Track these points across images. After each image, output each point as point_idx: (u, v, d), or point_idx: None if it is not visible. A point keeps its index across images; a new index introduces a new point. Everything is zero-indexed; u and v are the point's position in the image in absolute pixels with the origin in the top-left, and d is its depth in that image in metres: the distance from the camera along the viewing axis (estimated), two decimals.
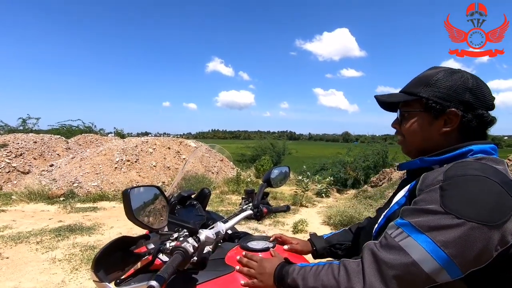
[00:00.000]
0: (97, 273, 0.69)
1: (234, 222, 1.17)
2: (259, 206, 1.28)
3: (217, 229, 1.04)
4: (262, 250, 0.95)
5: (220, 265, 0.92)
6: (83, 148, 10.39)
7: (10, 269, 3.03)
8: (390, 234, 0.64)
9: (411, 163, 0.81)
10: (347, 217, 4.69)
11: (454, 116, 0.74)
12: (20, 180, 7.45)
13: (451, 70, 0.78)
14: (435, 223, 0.59)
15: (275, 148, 13.97)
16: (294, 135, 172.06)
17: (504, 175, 0.63)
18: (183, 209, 1.15)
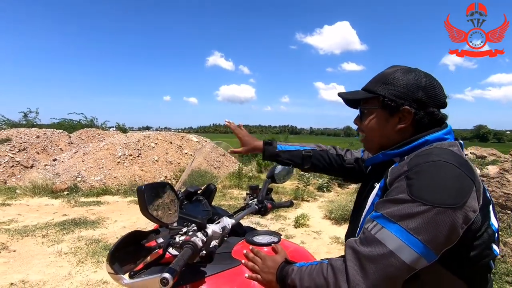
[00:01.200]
0: (112, 266, 0.73)
1: (240, 217, 1.20)
2: (264, 201, 1.31)
3: (224, 224, 1.08)
4: (267, 244, 0.98)
5: (227, 259, 0.95)
6: (86, 143, 10.44)
7: (18, 261, 3.09)
8: (367, 228, 0.67)
9: (375, 157, 0.86)
10: (348, 211, 4.72)
11: (407, 113, 0.78)
12: (24, 175, 7.52)
13: (407, 69, 0.82)
14: (405, 211, 0.62)
15: None
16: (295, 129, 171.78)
17: (460, 156, 0.69)
18: (190, 204, 1.18)
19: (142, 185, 0.73)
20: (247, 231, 1.24)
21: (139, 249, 0.84)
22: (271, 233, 1.08)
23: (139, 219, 4.70)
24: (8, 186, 6.83)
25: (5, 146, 7.94)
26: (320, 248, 3.66)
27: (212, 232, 0.98)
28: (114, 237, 3.83)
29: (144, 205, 0.72)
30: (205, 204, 1.25)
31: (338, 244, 3.79)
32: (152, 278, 0.74)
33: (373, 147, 0.88)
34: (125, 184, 7.02)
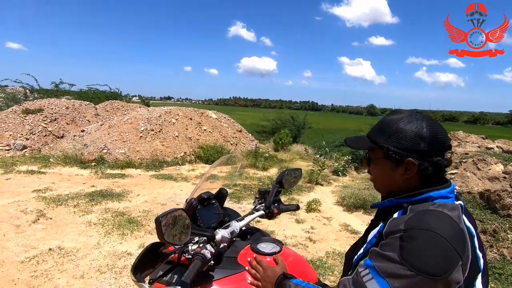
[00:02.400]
0: (135, 276, 0.87)
1: (247, 221, 1.33)
2: (271, 207, 1.42)
3: (232, 228, 1.21)
4: (269, 254, 1.10)
5: (233, 264, 1.09)
6: (111, 115, 10.90)
7: (54, 229, 3.47)
8: (360, 272, 0.77)
9: (381, 204, 0.92)
10: (360, 200, 4.80)
11: (411, 165, 0.82)
12: (55, 144, 8.07)
13: (408, 119, 0.84)
14: (393, 271, 0.71)
15: (295, 122, 13.85)
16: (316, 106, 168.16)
17: (456, 226, 0.74)
18: (203, 208, 1.31)
19: (159, 216, 0.85)
20: (254, 232, 1.37)
21: (158, 256, 0.98)
22: (274, 241, 1.20)
23: (159, 194, 5.02)
24: (43, 155, 7.39)
25: (38, 116, 8.47)
26: (328, 234, 3.80)
27: (221, 237, 1.12)
28: (137, 211, 4.15)
29: (161, 234, 0.84)
30: (217, 207, 1.38)
31: (347, 232, 3.92)
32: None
33: (382, 190, 0.94)
34: (147, 158, 7.39)
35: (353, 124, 30.04)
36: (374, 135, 0.89)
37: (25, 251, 2.93)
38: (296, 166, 8.25)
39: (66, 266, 2.71)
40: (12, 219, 3.63)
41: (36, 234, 3.30)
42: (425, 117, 0.85)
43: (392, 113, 0.90)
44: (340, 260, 3.17)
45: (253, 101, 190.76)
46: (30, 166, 6.24)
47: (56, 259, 2.82)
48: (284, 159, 9.05)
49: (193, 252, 0.98)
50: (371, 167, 0.92)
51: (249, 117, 34.07)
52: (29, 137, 7.89)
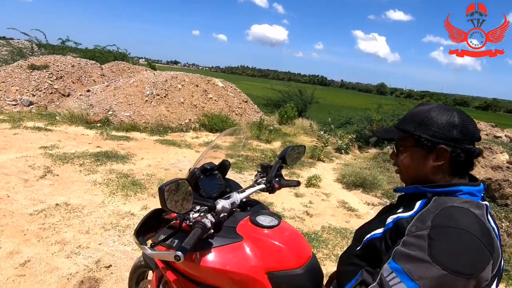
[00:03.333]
0: (138, 239, 0.91)
1: (248, 193, 1.36)
2: (272, 181, 1.44)
3: (233, 199, 1.24)
4: (267, 227, 1.13)
5: (232, 233, 1.13)
6: (116, 76, 10.78)
7: (61, 185, 3.59)
8: (385, 277, 0.73)
9: (406, 189, 0.91)
10: (360, 179, 4.85)
11: (444, 152, 0.82)
12: (62, 102, 8.09)
13: (438, 109, 0.86)
14: (423, 272, 0.68)
15: (302, 96, 13.63)
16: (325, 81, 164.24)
17: (483, 224, 0.73)
18: (206, 178, 1.34)
19: (163, 185, 0.86)
20: (254, 205, 1.41)
21: (160, 221, 1.02)
22: (272, 215, 1.23)
23: (163, 159, 5.11)
24: (49, 112, 7.44)
25: (44, 73, 8.41)
26: (326, 210, 3.90)
27: (222, 207, 1.15)
28: (141, 174, 4.25)
29: (164, 202, 0.86)
30: (219, 178, 1.40)
31: (344, 208, 4.01)
32: (168, 253, 0.92)
33: (408, 180, 0.94)
34: (152, 123, 7.43)
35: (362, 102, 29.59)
36: (404, 125, 0.90)
37: (33, 204, 3.05)
38: (299, 141, 8.27)
39: (72, 221, 2.84)
40: (20, 173, 3.75)
41: (44, 189, 3.42)
42: (455, 109, 0.86)
43: (421, 105, 0.90)
44: (334, 235, 3.28)
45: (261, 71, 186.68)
46: (37, 123, 6.31)
47: (63, 214, 2.95)
48: (288, 133, 9.04)
49: (194, 220, 1.01)
50: (400, 157, 0.92)
51: (256, 87, 33.56)
52: (35, 93, 7.90)
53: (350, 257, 0.99)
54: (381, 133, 1.02)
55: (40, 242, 2.47)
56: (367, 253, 0.93)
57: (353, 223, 3.63)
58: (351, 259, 0.98)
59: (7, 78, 8.02)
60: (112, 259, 2.38)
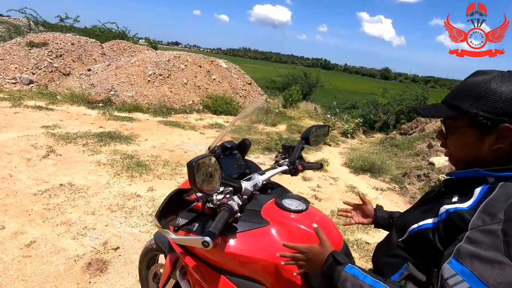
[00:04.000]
0: (160, 222, 0.81)
1: (270, 175, 1.25)
2: (295, 163, 1.33)
3: (255, 181, 1.14)
4: (295, 211, 1.03)
5: (257, 217, 1.03)
6: (117, 55, 10.51)
7: (64, 165, 3.50)
8: (447, 280, 0.61)
9: (465, 173, 0.77)
10: (368, 163, 4.76)
11: (508, 131, 0.68)
12: (62, 81, 7.90)
13: (501, 78, 0.70)
14: (501, 277, 0.56)
15: (307, 79, 13.34)
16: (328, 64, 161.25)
17: None
18: (225, 158, 1.23)
19: (193, 161, 0.75)
20: (275, 187, 1.31)
21: (181, 202, 0.92)
22: (299, 198, 1.13)
23: (167, 141, 5.00)
24: (49, 91, 7.27)
25: (43, 50, 8.17)
26: (334, 194, 3.83)
27: (245, 189, 1.04)
28: (146, 155, 4.16)
29: (193, 181, 0.75)
30: (238, 158, 1.30)
31: (352, 193, 3.94)
32: (195, 238, 0.83)
33: (460, 164, 0.81)
34: (155, 104, 7.27)
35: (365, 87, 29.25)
36: (455, 100, 0.75)
37: (37, 184, 2.98)
38: (304, 124, 8.13)
39: (78, 202, 2.77)
40: (22, 153, 3.65)
41: (47, 169, 3.33)
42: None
43: (477, 74, 0.75)
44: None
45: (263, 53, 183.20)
46: (38, 102, 6.17)
47: (67, 194, 2.88)
48: (292, 117, 8.89)
49: (220, 202, 0.91)
50: (450, 139, 0.79)
51: (259, 70, 32.99)
52: (35, 71, 7.70)
53: (392, 248, 0.88)
54: (426, 110, 0.84)
55: (45, 222, 2.40)
56: (412, 245, 0.82)
57: None
58: (392, 250, 0.87)
59: (5, 56, 7.79)
60: (119, 241, 2.32)
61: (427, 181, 4.19)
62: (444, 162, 4.63)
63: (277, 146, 5.36)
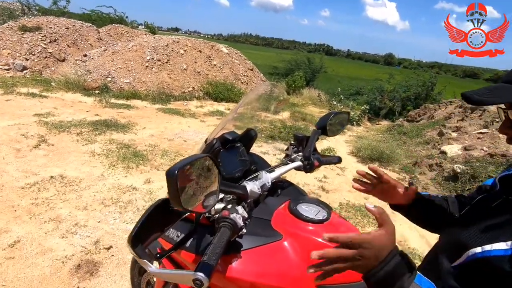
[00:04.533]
0: (135, 248, 0.60)
1: (281, 172, 1.03)
2: (310, 157, 1.11)
3: (263, 181, 0.91)
4: (315, 221, 0.82)
5: (267, 228, 0.82)
6: (114, 40, 10.15)
7: (56, 156, 3.30)
8: None
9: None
10: (377, 152, 4.53)
11: None
12: (57, 67, 7.61)
13: None
14: None
15: (311, 64, 12.96)
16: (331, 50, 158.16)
17: None
18: (226, 153, 1.01)
19: (175, 168, 0.52)
20: (286, 187, 1.09)
21: (168, 215, 0.70)
22: (318, 202, 0.91)
23: (166, 129, 4.78)
24: (44, 78, 7.01)
25: (36, 35, 7.84)
26: (342, 185, 3.62)
27: (250, 191, 0.82)
28: (143, 145, 3.94)
29: (176, 198, 0.53)
30: (242, 152, 1.07)
31: None
32: (182, 274, 0.61)
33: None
34: (153, 91, 7.00)
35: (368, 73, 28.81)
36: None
37: (25, 177, 2.78)
38: (308, 111, 7.87)
39: (69, 196, 2.58)
40: (12, 142, 3.45)
41: (37, 160, 3.13)
42: None
43: None
44: (354, 213, 3.02)
45: (265, 39, 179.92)
46: (31, 89, 5.92)
47: (58, 187, 2.68)
48: (296, 103, 8.61)
49: (219, 215, 0.69)
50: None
51: (260, 56, 32.32)
52: (28, 57, 7.40)
53: (444, 275, 0.66)
54: (482, 94, 0.61)
55: (32, 219, 2.22)
56: (473, 275, 0.60)
57: (373, 200, 3.35)
58: (445, 279, 0.66)
59: None
60: (112, 239, 2.13)
61: (439, 171, 3.97)
62: (457, 151, 4.40)
63: (281, 134, 5.13)
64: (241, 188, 0.76)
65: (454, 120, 5.71)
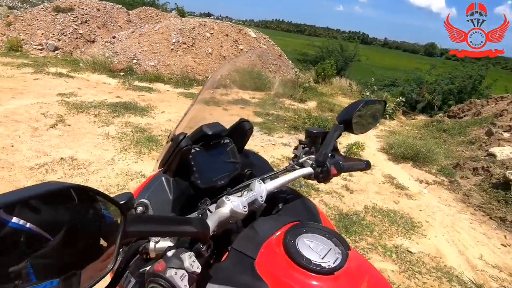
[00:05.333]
0: None
1: (282, 183, 0.74)
2: (326, 162, 0.81)
3: (254, 195, 0.63)
4: (323, 271, 0.52)
5: (247, 272, 0.54)
6: (143, 23, 10.15)
7: (70, 137, 3.25)
8: None
9: None
10: (412, 151, 4.05)
11: None
12: (87, 48, 7.73)
13: None
14: None
15: (343, 52, 12.18)
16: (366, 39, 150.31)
17: None
18: (206, 153, 0.75)
19: None
20: (288, 200, 0.81)
21: None
22: (330, 235, 0.62)
23: None
24: (74, 58, 7.14)
25: (68, 16, 7.99)
26: (369, 185, 3.25)
27: (231, 211, 0.55)
28: (159, 130, 3.81)
29: None
30: (231, 151, 0.81)
31: (391, 185, 3.33)
32: None
33: None
34: (177, 74, 6.89)
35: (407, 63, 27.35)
36: None
37: (36, 157, 2.73)
38: (337, 102, 7.38)
39: (75, 179, 2.49)
40: (31, 121, 3.45)
41: (51, 140, 3.09)
42: None
43: None
44: (381, 218, 2.67)
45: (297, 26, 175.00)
46: (60, 69, 6.02)
47: (66, 170, 2.60)
48: (324, 93, 8.13)
49: (149, 270, 0.43)
50: None
51: (291, 43, 31.35)
52: (60, 38, 7.57)
53: None
54: None
55: None
56: None
57: (403, 205, 2.97)
58: None
59: (32, 21, 7.71)
60: None
61: (486, 176, 3.45)
62: (509, 154, 3.81)
63: (305, 125, 4.78)
64: (197, 222, 0.48)
65: (507, 118, 5.00)
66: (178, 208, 0.70)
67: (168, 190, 0.70)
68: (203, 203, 0.69)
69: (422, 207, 2.98)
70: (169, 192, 0.70)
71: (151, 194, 0.68)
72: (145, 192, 0.68)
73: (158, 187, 0.70)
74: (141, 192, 0.69)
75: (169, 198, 0.69)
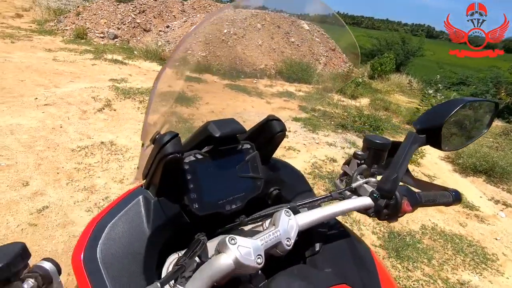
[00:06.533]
0: None
1: (323, 216, 0.49)
2: (396, 192, 0.53)
3: (275, 237, 0.41)
4: None
5: None
6: (197, 13, 10.30)
7: (114, 121, 3.30)
8: None
9: None
10: (486, 163, 3.39)
11: None
12: (142, 37, 8.06)
13: None
14: None
15: (405, 45, 11.02)
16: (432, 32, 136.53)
17: None
18: (211, 164, 0.52)
19: None
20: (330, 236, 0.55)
21: None
22: None
23: (228, 106, 4.44)
24: (130, 46, 7.49)
25: (128, 6, 8.40)
26: None
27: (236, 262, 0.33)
28: (200, 121, 3.70)
29: None
30: (251, 162, 0.57)
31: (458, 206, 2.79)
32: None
33: None
34: (226, 65, 6.81)
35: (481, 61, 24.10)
36: None
37: (80, 139, 2.80)
38: (394, 100, 6.67)
39: (110, 165, 2.48)
40: (82, 104, 3.60)
41: (96, 124, 3.17)
42: None
43: None
44: (442, 244, 2.21)
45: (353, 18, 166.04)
46: (116, 56, 6.33)
47: (103, 154, 2.61)
48: (379, 90, 7.43)
49: None
50: None
51: None
52: (120, 27, 8.00)
53: None
54: None
55: (69, 185, 2.15)
56: None
57: (473, 229, 2.45)
58: None
59: (97, 11, 8.27)
60: None
61: None
62: None
63: (355, 124, 4.33)
64: None
65: None
66: (159, 244, 0.49)
67: (145, 216, 0.48)
68: (196, 242, 0.46)
69: (498, 235, 2.43)
70: (145, 220, 0.48)
71: (118, 221, 0.47)
72: (109, 218, 0.48)
73: (132, 209, 0.49)
74: (104, 216, 0.48)
75: (145, 228, 0.47)
